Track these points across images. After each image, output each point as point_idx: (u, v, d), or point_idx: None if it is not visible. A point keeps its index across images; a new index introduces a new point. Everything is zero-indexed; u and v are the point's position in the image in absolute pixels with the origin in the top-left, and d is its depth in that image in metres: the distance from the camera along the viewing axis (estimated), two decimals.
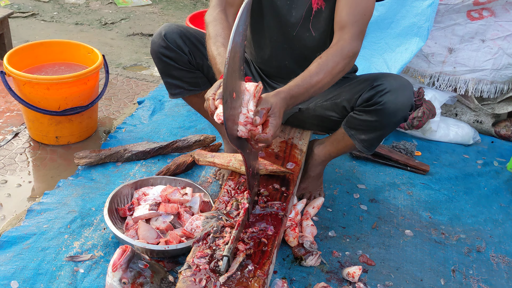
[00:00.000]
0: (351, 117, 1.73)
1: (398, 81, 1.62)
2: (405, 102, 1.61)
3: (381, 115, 1.63)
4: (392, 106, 1.60)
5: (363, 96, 1.65)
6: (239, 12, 1.15)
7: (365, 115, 1.67)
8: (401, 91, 1.60)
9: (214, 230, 1.44)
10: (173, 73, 1.81)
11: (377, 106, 1.61)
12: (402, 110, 1.62)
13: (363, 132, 1.72)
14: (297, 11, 1.69)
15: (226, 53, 1.10)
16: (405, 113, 1.64)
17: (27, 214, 1.82)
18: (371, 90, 1.63)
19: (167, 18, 4.31)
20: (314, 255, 1.70)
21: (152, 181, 1.92)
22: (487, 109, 2.68)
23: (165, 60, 1.78)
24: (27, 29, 3.80)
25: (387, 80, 1.62)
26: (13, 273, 1.57)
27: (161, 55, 1.77)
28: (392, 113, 1.61)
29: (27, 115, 2.27)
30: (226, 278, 1.31)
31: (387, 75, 1.68)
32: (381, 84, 1.62)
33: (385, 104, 1.60)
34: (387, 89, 1.60)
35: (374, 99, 1.62)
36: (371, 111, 1.64)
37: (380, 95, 1.61)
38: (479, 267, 1.82)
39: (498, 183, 2.34)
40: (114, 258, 1.40)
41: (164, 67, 1.80)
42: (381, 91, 1.61)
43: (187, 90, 1.86)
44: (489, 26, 2.48)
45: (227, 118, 1.16)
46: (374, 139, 1.73)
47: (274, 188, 1.70)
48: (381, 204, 2.10)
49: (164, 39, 1.74)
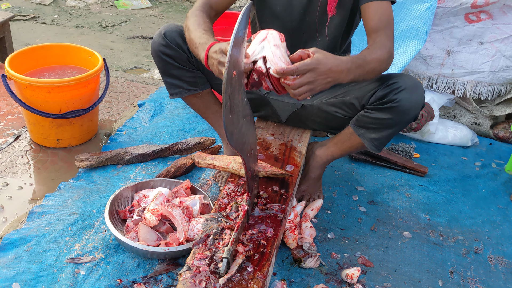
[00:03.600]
0: (362, 116, 1.75)
1: (412, 80, 1.68)
2: (419, 100, 1.66)
3: (395, 113, 1.67)
4: (407, 104, 1.64)
5: (378, 94, 1.69)
6: (239, 17, 1.17)
7: (378, 113, 1.70)
8: (415, 90, 1.65)
9: (213, 232, 1.46)
10: (172, 72, 1.84)
11: (392, 103, 1.65)
12: (415, 107, 1.66)
13: (374, 131, 1.75)
14: (310, 17, 1.75)
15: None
16: (417, 111, 1.68)
17: (29, 217, 1.83)
18: (386, 88, 1.67)
19: (167, 21, 4.33)
20: (313, 257, 1.72)
21: (152, 183, 1.94)
22: (485, 111, 2.70)
23: (165, 58, 1.81)
24: (28, 32, 3.82)
25: (401, 79, 1.67)
26: (14, 275, 1.58)
27: (161, 53, 1.79)
28: (406, 110, 1.65)
29: (28, 118, 2.28)
30: (225, 280, 1.33)
31: (400, 74, 1.73)
32: (396, 82, 1.66)
33: (400, 102, 1.64)
34: (402, 87, 1.64)
35: (388, 96, 1.66)
36: (384, 108, 1.67)
37: (396, 93, 1.64)
38: (477, 269, 1.83)
39: (496, 185, 2.35)
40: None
41: (164, 66, 1.84)
42: (396, 88, 1.65)
43: (186, 89, 1.89)
44: (487, 29, 2.49)
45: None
46: (384, 138, 1.76)
47: (273, 190, 1.72)
48: (379, 206, 2.12)
49: (164, 37, 1.78)
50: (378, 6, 1.65)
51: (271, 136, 2.02)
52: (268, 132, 2.05)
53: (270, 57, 1.31)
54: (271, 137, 2.02)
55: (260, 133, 2.04)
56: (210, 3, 1.73)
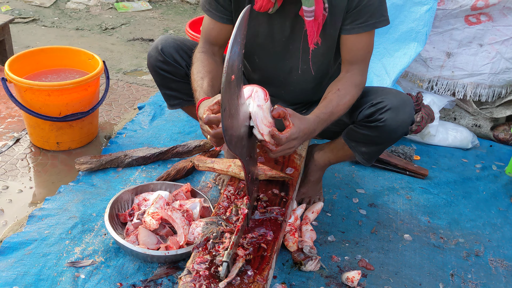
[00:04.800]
0: (352, 130, 1.75)
1: (398, 98, 1.64)
2: (406, 119, 1.64)
3: (382, 132, 1.65)
4: (393, 123, 1.62)
5: (364, 113, 1.67)
6: (237, 21, 1.16)
7: (366, 129, 1.69)
8: (401, 108, 1.62)
9: (213, 236, 1.46)
10: (171, 85, 1.83)
11: (378, 123, 1.63)
12: (402, 127, 1.64)
13: (364, 145, 1.74)
14: (294, 45, 1.70)
15: (224, 63, 1.12)
16: (406, 129, 1.66)
17: (29, 220, 1.83)
18: (372, 107, 1.65)
19: (167, 23, 4.33)
20: (313, 260, 1.71)
21: (152, 186, 1.93)
22: (486, 113, 2.70)
23: (163, 74, 1.78)
24: (28, 35, 3.82)
25: (388, 98, 1.64)
26: (14, 278, 1.58)
27: (158, 68, 1.77)
28: (392, 130, 1.63)
29: (28, 121, 2.28)
30: (225, 284, 1.32)
31: (387, 91, 1.70)
32: (381, 101, 1.64)
33: (386, 121, 1.62)
34: (388, 106, 1.62)
35: (374, 116, 1.64)
36: (371, 127, 1.66)
37: (381, 113, 1.62)
38: (478, 271, 1.83)
39: (497, 187, 2.35)
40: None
41: (161, 80, 1.81)
42: (382, 108, 1.62)
43: (186, 100, 1.86)
44: (487, 31, 2.49)
45: (226, 127, 1.17)
46: (374, 152, 1.76)
47: (273, 193, 1.72)
48: (380, 208, 2.11)
49: (161, 53, 1.75)
50: (357, 40, 1.62)
51: None
52: None
53: (254, 117, 1.33)
54: None
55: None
56: (210, 40, 1.71)
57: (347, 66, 1.66)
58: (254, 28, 1.67)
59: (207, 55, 1.68)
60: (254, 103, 1.34)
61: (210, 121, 1.30)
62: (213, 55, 1.70)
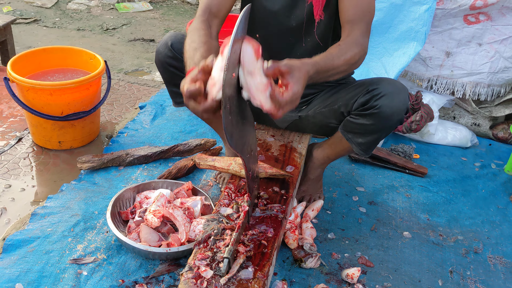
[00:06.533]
0: (348, 121, 1.75)
1: (392, 85, 1.65)
2: (400, 105, 1.64)
3: (377, 119, 1.65)
4: (387, 110, 1.62)
5: (359, 100, 1.68)
6: (238, 18, 1.18)
7: (361, 118, 1.69)
8: (396, 95, 1.63)
9: (215, 233, 1.47)
10: (178, 82, 1.81)
11: (372, 110, 1.64)
12: (397, 113, 1.64)
13: (360, 136, 1.74)
14: (297, 21, 1.71)
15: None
16: (401, 116, 1.66)
17: (31, 218, 1.85)
18: (367, 95, 1.66)
19: (168, 24, 4.35)
20: (313, 257, 1.73)
21: (154, 184, 1.95)
22: (485, 112, 2.71)
23: (172, 70, 1.77)
24: (30, 35, 3.84)
25: (382, 85, 1.65)
26: (18, 275, 1.60)
27: (167, 65, 1.76)
28: (387, 116, 1.64)
29: (30, 120, 2.30)
30: (226, 280, 1.34)
31: (382, 79, 1.71)
32: (376, 88, 1.64)
33: (381, 108, 1.62)
34: (382, 93, 1.63)
35: (369, 103, 1.65)
36: (367, 115, 1.67)
37: (376, 99, 1.63)
38: (477, 268, 1.84)
39: (496, 185, 2.36)
40: None
41: (169, 77, 1.80)
42: (377, 95, 1.63)
43: None
44: (486, 30, 2.51)
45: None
46: (371, 142, 1.76)
47: (274, 191, 1.73)
48: (379, 206, 2.13)
49: (170, 49, 1.73)
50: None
51: (272, 138, 2.04)
52: (268, 133, 2.06)
53: (247, 88, 1.19)
54: (271, 138, 2.03)
55: (261, 134, 2.06)
56: (211, 8, 1.65)
57: (347, 30, 1.61)
58: (254, 3, 1.63)
59: (205, 25, 1.59)
60: (244, 70, 1.19)
61: (191, 94, 1.18)
62: (210, 27, 1.62)
